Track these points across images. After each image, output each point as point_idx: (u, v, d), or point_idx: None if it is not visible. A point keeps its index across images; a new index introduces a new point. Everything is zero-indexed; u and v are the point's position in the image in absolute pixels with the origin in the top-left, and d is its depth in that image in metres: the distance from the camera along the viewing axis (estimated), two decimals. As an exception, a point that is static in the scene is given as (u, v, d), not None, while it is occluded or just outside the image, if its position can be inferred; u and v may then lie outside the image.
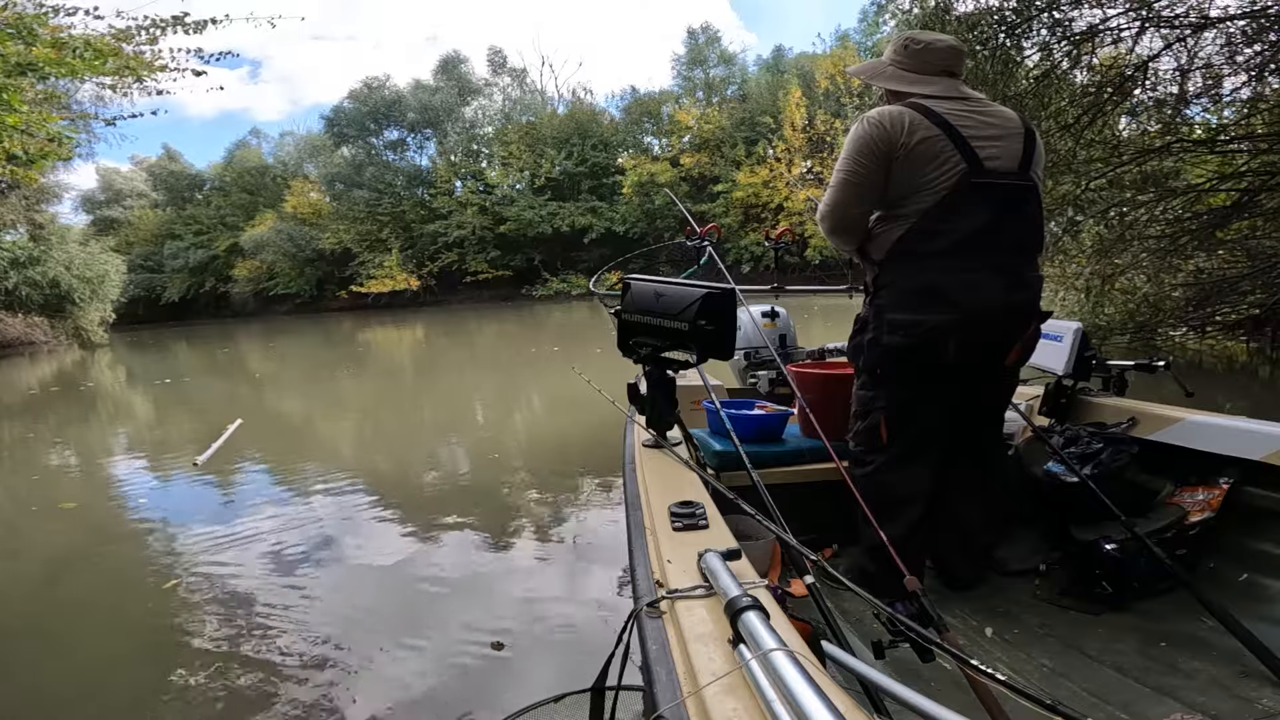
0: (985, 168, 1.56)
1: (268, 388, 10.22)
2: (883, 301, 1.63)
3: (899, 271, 1.61)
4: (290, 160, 40.80)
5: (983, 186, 1.55)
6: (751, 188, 28.96)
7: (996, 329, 1.60)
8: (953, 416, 1.67)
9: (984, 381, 1.68)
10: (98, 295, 20.34)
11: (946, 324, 1.54)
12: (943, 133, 1.57)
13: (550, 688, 1.61)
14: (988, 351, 1.61)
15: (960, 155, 1.55)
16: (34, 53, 5.40)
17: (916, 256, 1.57)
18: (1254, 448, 1.57)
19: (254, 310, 38.51)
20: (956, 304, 1.53)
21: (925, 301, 1.55)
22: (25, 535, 3.68)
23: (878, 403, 1.67)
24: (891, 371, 1.63)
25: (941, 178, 1.55)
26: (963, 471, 1.73)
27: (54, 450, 5.93)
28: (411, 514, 3.47)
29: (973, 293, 1.54)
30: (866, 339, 1.66)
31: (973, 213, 1.55)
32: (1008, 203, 1.58)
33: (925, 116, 1.57)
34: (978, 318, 1.54)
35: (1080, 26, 4.46)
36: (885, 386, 1.65)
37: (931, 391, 1.62)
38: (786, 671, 0.60)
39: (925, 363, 1.58)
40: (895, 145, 1.56)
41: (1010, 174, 1.59)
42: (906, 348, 1.57)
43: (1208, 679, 1.37)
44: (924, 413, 1.64)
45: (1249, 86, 4.31)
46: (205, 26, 6.87)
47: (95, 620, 2.55)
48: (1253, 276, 4.93)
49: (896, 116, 1.58)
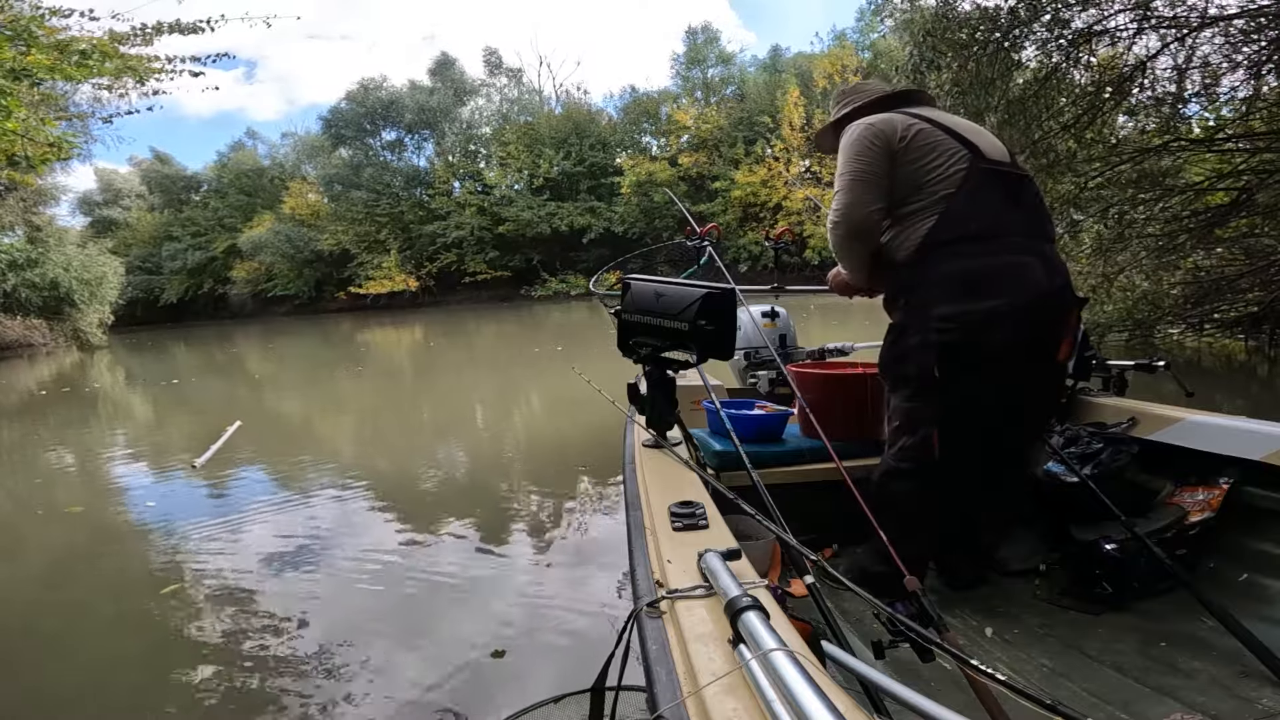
0: (986, 156, 1.56)
1: (267, 389, 10.22)
2: (922, 298, 1.53)
3: (934, 264, 1.52)
4: (289, 161, 40.79)
5: (991, 173, 1.55)
6: (750, 187, 29.00)
7: (1045, 316, 1.51)
8: (1006, 419, 1.58)
9: (1036, 378, 1.58)
10: (96, 297, 20.35)
11: (998, 312, 1.45)
12: (934, 127, 1.58)
13: (549, 688, 1.61)
14: (1038, 343, 1.52)
15: (959, 144, 1.56)
16: (29, 59, 5.39)
17: (950, 245, 1.51)
18: (1254, 448, 1.57)
19: (252, 311, 38.48)
20: (1003, 290, 1.45)
21: (970, 290, 1.47)
22: (28, 538, 3.67)
23: (927, 412, 1.55)
24: (945, 374, 1.49)
25: (951, 165, 1.54)
26: (985, 471, 1.65)
27: (53, 453, 5.92)
28: (411, 515, 3.47)
29: (1018, 277, 1.47)
30: (911, 344, 1.54)
31: (992, 198, 1.52)
32: (1018, 190, 1.57)
33: (912, 117, 1.59)
34: (1027, 304, 1.47)
35: (1077, 25, 4.47)
36: (936, 394, 1.52)
37: (988, 392, 1.52)
38: (786, 671, 0.60)
39: (979, 360, 1.47)
40: (893, 140, 1.57)
41: (1008, 164, 1.60)
42: (958, 344, 1.47)
43: (1208, 679, 1.37)
44: (981, 418, 1.54)
45: (1247, 85, 4.32)
46: (202, 29, 6.85)
47: (95, 621, 2.55)
48: (1250, 275, 4.94)
49: (886, 119, 1.60)
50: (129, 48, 6.57)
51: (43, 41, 5.65)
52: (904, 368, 1.57)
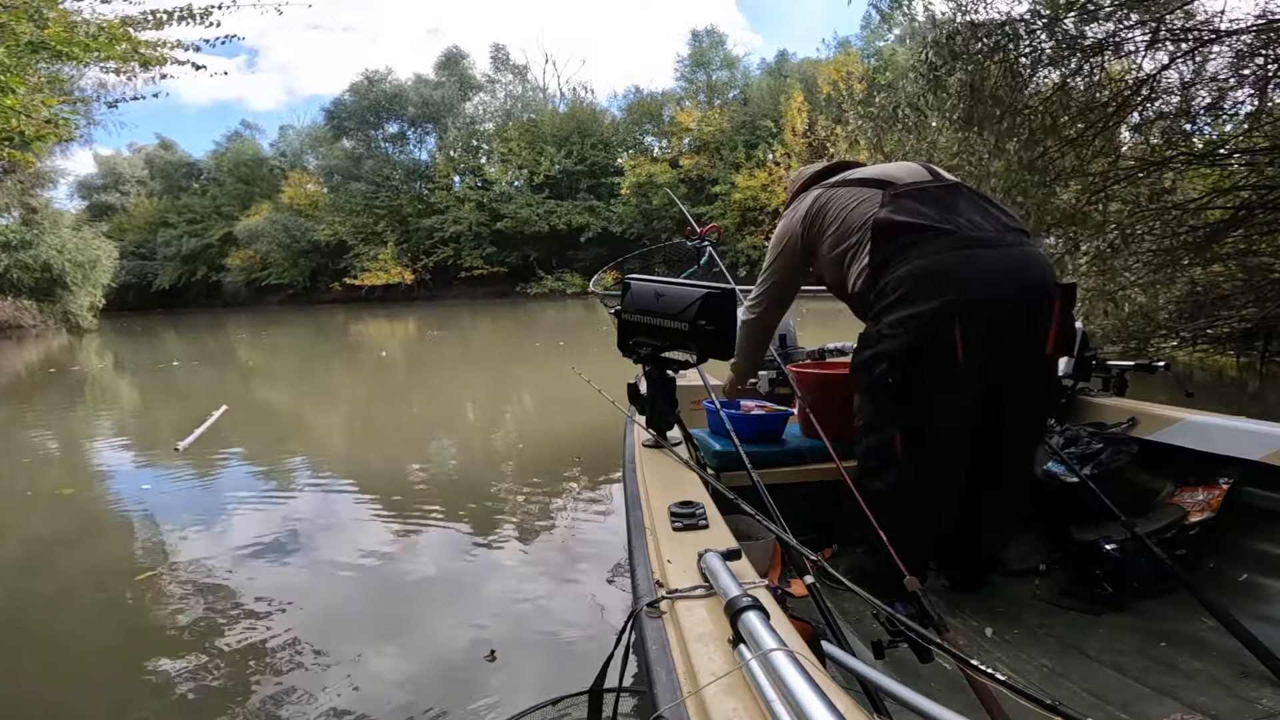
0: (900, 183, 1.64)
1: (256, 377, 10.16)
2: (878, 310, 1.53)
3: (885, 274, 1.52)
4: (291, 151, 40.64)
5: (909, 193, 1.61)
6: (750, 190, 29.04)
7: (1011, 308, 1.46)
8: (983, 417, 1.54)
9: (1017, 370, 1.53)
10: (89, 280, 20.23)
11: (949, 308, 1.42)
12: (843, 186, 1.72)
13: (546, 690, 1.59)
14: (1012, 333, 1.48)
15: (868, 188, 1.67)
16: (46, 32, 5.38)
17: (892, 258, 1.52)
18: (1254, 448, 1.57)
19: (245, 300, 38.30)
20: (954, 285, 1.43)
21: (916, 293, 1.46)
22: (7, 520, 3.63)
23: (888, 413, 1.56)
24: (901, 377, 1.48)
25: (864, 205, 1.63)
26: (979, 470, 1.62)
27: (35, 434, 5.87)
28: (400, 509, 3.43)
29: (967, 270, 1.44)
30: (869, 352, 1.55)
31: (918, 209, 1.55)
32: (946, 197, 1.60)
33: (823, 188, 1.77)
34: (985, 297, 1.43)
35: (1090, 38, 4.47)
36: (895, 396, 1.52)
37: (947, 397, 1.49)
38: (786, 671, 0.60)
39: (934, 360, 1.45)
40: (800, 223, 1.77)
41: (928, 180, 1.67)
42: (909, 349, 1.46)
43: (1208, 679, 1.37)
44: (943, 420, 1.51)
45: (1251, 100, 4.33)
46: (210, 16, 6.81)
47: (71, 609, 2.51)
48: (1245, 290, 4.97)
49: (793, 208, 1.83)
50: (139, 32, 6.55)
51: (54, 20, 5.63)
52: (863, 375, 1.59)
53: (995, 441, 1.60)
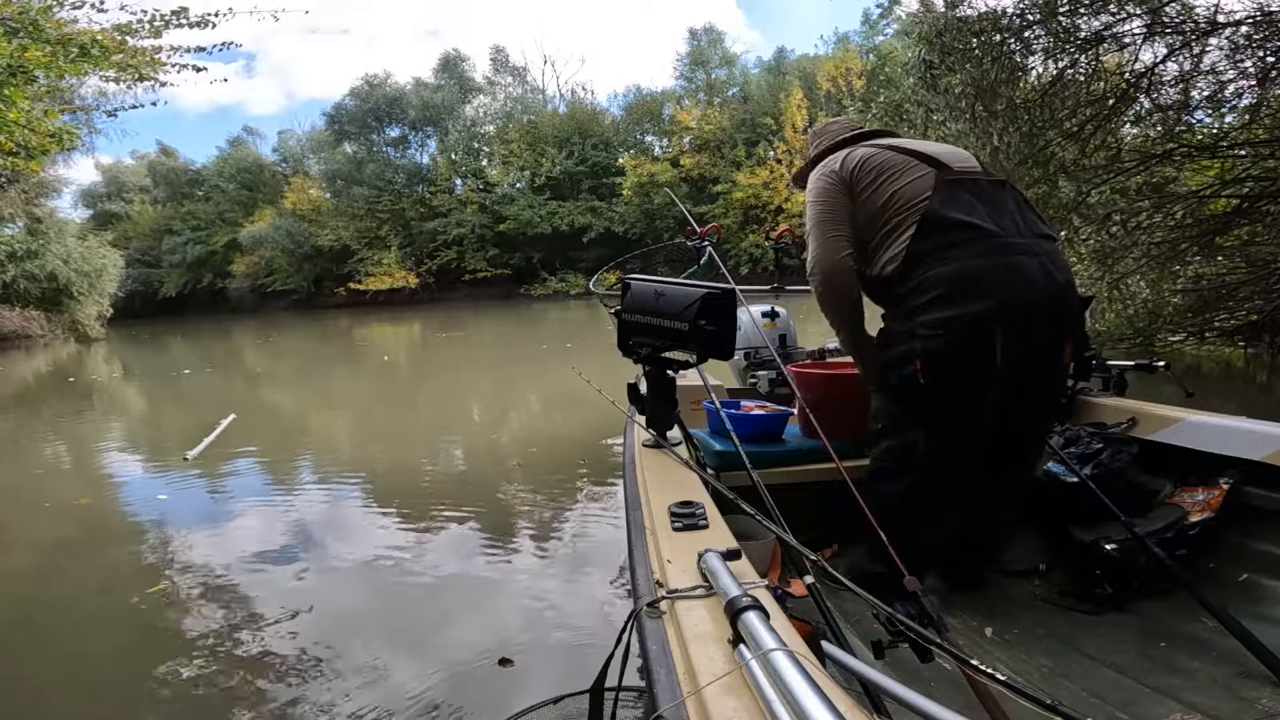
0: (952, 168, 1.58)
1: (263, 383, 10.20)
2: (908, 307, 1.50)
3: (919, 272, 1.49)
4: (293, 156, 40.79)
5: (960, 181, 1.56)
6: (751, 189, 29.01)
7: (1043, 317, 1.46)
8: (1007, 421, 1.54)
9: (1039, 380, 1.54)
10: (95, 289, 20.29)
11: (989, 314, 1.41)
12: (894, 152, 1.62)
13: (547, 689, 1.60)
14: (1040, 343, 1.48)
15: (921, 162, 1.59)
16: (26, 55, 5.35)
17: (933, 253, 1.48)
18: (1254, 448, 1.57)
19: (251, 306, 38.45)
20: (993, 292, 1.41)
21: (957, 295, 1.43)
22: (13, 531, 3.66)
23: (913, 416, 1.52)
24: (932, 380, 1.45)
25: (915, 181, 1.56)
26: (985, 471, 1.62)
27: (47, 444, 5.91)
28: (407, 511, 3.45)
29: (1008, 278, 1.42)
30: (897, 351, 1.51)
31: (969, 203, 1.52)
32: (995, 195, 1.57)
33: (871, 147, 1.65)
34: (1022, 305, 1.42)
35: (1086, 30, 4.45)
36: (923, 399, 1.48)
37: (983, 396, 1.48)
38: (786, 671, 0.60)
39: (970, 366, 1.44)
40: (847, 173, 1.63)
41: (978, 172, 1.61)
42: (945, 350, 1.43)
43: (1208, 679, 1.37)
44: (973, 425, 1.50)
45: (1252, 92, 4.31)
46: (209, 23, 6.84)
47: (81, 615, 2.53)
48: (1251, 283, 4.93)
49: (838, 156, 1.69)
50: (137, 40, 6.56)
51: (50, 34, 5.62)
52: (888, 374, 1.56)
53: (1002, 443, 1.60)
